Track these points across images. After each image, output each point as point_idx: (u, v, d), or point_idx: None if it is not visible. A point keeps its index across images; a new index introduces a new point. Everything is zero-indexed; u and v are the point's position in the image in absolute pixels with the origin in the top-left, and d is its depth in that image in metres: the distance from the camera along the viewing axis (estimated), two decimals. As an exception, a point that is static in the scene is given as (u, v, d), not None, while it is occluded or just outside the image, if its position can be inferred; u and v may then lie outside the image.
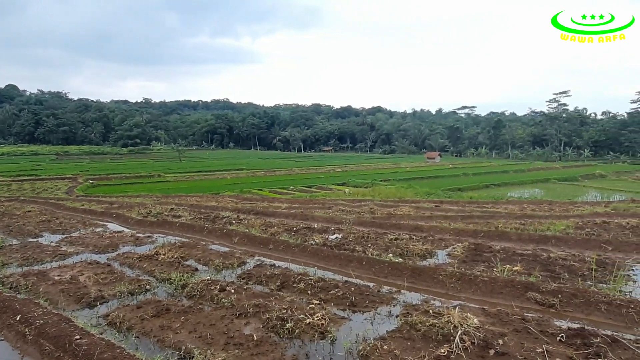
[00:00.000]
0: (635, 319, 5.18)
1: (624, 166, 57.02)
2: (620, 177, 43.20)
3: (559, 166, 57.39)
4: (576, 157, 79.58)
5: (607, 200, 23.03)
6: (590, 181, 39.55)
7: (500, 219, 14.63)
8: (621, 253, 9.34)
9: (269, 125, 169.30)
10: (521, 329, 4.94)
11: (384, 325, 5.52)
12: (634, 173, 45.94)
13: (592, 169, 49.78)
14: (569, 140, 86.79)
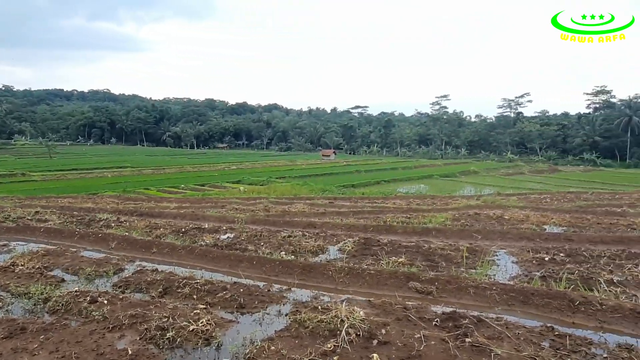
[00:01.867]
0: (497, 299, 5.91)
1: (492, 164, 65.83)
2: (489, 173, 49.82)
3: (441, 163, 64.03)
4: (455, 155, 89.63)
5: (479, 194, 26.26)
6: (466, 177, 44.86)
7: (388, 213, 15.71)
8: (488, 241, 10.69)
9: (158, 120, 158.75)
10: (402, 318, 5.29)
11: (273, 325, 5.47)
12: (499, 170, 53.40)
13: (467, 166, 56.50)
14: (449, 140, 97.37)
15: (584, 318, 5.33)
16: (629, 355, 4.32)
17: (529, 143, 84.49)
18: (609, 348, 4.53)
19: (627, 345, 4.55)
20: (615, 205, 18.34)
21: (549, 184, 36.96)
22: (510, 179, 42.85)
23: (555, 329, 4.95)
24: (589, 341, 4.70)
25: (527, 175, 48.68)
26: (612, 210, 16.07)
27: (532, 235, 10.97)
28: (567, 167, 63.35)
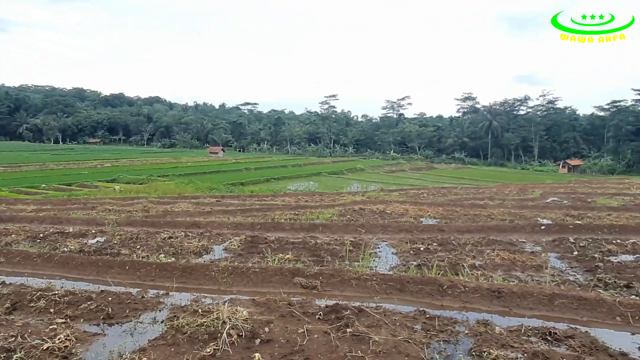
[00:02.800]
0: (377, 289, 6.29)
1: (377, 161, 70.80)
2: (374, 170, 53.42)
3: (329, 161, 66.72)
4: (343, 153, 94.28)
5: (365, 190, 27.95)
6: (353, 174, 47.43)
7: (277, 211, 15.79)
8: (371, 234, 11.38)
9: (13, 110, 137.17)
10: (287, 314, 5.30)
11: (146, 334, 5.06)
12: (384, 167, 57.67)
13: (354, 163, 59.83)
14: (337, 138, 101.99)
15: (451, 300, 5.96)
16: (485, 329, 4.93)
17: (409, 142, 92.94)
18: (469, 325, 5.12)
19: (484, 321, 5.19)
20: (479, 198, 21.09)
21: (426, 180, 41.08)
22: (393, 176, 46.53)
23: (427, 312, 5.44)
24: (454, 320, 5.26)
25: (407, 172, 53.44)
26: (476, 203, 18.43)
27: (410, 227, 11.99)
28: (442, 165, 71.15)
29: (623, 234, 11.51)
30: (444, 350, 4.48)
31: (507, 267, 8.25)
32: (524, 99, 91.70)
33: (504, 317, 5.54)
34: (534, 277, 7.61)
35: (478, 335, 4.78)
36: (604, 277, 7.63)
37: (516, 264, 8.51)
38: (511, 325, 5.20)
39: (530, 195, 22.97)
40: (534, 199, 21.00)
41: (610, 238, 10.96)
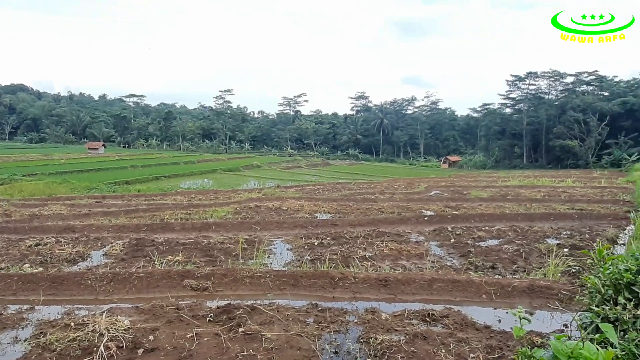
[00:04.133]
0: (270, 286, 6.33)
1: (274, 158, 71.08)
2: (272, 167, 53.53)
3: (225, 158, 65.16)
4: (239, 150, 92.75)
5: (262, 187, 27.85)
6: (250, 171, 46.96)
7: (167, 210, 14.96)
8: (267, 231, 11.41)
9: None
10: (174, 319, 5.06)
11: (5, 356, 4.43)
12: (280, 164, 58.11)
13: (251, 160, 59.29)
14: (233, 135, 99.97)
15: (342, 291, 6.24)
16: (372, 316, 5.26)
17: (306, 139, 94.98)
18: (359, 314, 5.42)
19: (372, 309, 5.54)
20: (371, 193, 22.40)
21: (322, 176, 42.38)
22: (290, 172, 47.12)
23: (319, 305, 5.63)
24: (345, 311, 5.53)
25: (304, 168, 54.56)
26: (368, 198, 19.57)
27: (305, 223, 12.29)
28: (337, 161, 74.11)
29: (490, 221, 13.20)
30: (334, 341, 4.68)
31: (394, 257, 8.90)
32: (411, 100, 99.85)
33: (390, 303, 5.97)
34: (417, 265, 8.32)
35: (366, 322, 5.08)
36: (474, 260, 8.66)
37: (402, 253, 9.22)
38: (396, 310, 5.63)
39: (417, 189, 25.08)
40: (419, 192, 22.97)
41: (481, 225, 12.49)
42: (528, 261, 8.68)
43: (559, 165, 60.88)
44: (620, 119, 58.58)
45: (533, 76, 70.45)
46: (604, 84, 68.06)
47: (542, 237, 10.96)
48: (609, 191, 22.56)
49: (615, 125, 58.07)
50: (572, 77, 68.71)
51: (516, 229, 11.91)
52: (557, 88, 70.70)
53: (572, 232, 11.55)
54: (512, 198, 19.41)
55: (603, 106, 59.64)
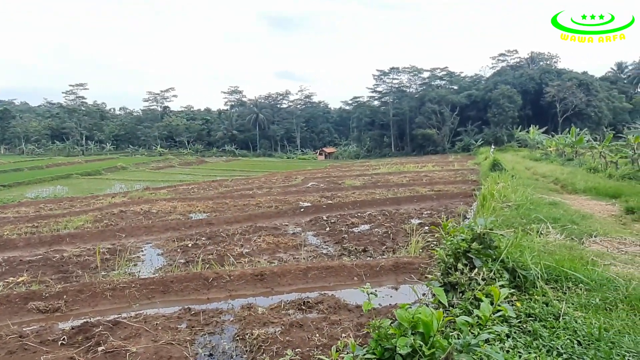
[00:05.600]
0: (136, 296, 5.89)
1: (142, 158, 66.04)
2: (139, 168, 49.66)
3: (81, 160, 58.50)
4: (99, 151, 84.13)
5: (129, 190, 25.69)
6: (114, 174, 42.89)
7: (7, 225, 12.92)
8: (134, 237, 10.58)
9: None
10: (17, 349, 4.42)
11: None
12: (150, 164, 54.24)
13: (114, 162, 54.19)
14: (90, 134, 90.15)
15: (218, 291, 6.11)
16: (249, 312, 5.25)
17: (177, 137, 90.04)
18: (235, 312, 5.36)
19: (248, 305, 5.53)
20: (248, 188, 22.27)
21: (197, 174, 40.69)
22: (161, 173, 44.29)
23: (192, 309, 5.42)
24: (220, 311, 5.42)
25: (177, 167, 51.75)
26: (245, 193, 19.41)
27: (178, 224, 11.71)
28: (213, 159, 71.87)
29: (362, 207, 14.17)
30: (209, 343, 4.56)
31: (272, 251, 9.00)
32: (285, 94, 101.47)
33: (267, 297, 6.03)
34: (295, 256, 8.53)
35: (242, 319, 5.06)
36: (348, 245, 9.22)
37: (280, 246, 9.37)
38: (273, 303, 5.70)
39: (294, 181, 25.66)
40: (296, 185, 23.54)
41: (354, 212, 13.33)
42: (395, 241, 9.53)
43: (421, 151, 67.91)
44: (467, 109, 67.55)
45: (396, 71, 77.18)
46: (453, 79, 77.91)
47: (407, 218, 12.13)
48: (461, 173, 25.90)
49: (464, 115, 66.84)
50: (428, 73, 77.15)
51: (385, 213, 12.98)
52: (416, 82, 78.61)
53: (432, 211, 12.99)
54: (382, 184, 21.09)
55: (453, 98, 68.09)
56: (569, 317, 3.69)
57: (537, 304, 3.97)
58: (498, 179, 14.33)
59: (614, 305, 4.02)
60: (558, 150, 33.91)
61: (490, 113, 63.78)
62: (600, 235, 7.36)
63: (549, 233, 7.26)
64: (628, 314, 3.84)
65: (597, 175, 17.77)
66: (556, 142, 35.55)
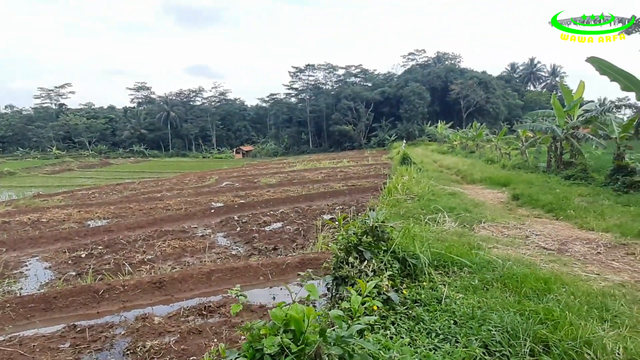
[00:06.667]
0: (12, 317, 5.33)
1: (34, 162, 59.99)
2: (31, 173, 44.99)
3: (-42, 166, 51.70)
4: (-19, 155, 74.96)
5: (15, 198, 23.18)
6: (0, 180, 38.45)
7: None
8: (17, 251, 9.56)
9: None
10: None
11: None
12: (43, 168, 49.39)
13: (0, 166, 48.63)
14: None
15: (109, 304, 5.73)
16: (143, 323, 5.00)
17: (76, 137, 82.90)
18: (128, 324, 5.07)
19: (143, 315, 5.26)
20: (157, 191, 21.21)
21: (100, 178, 37.84)
22: (57, 177, 40.46)
23: (78, 326, 5.04)
24: (111, 324, 5.09)
25: (76, 171, 47.64)
26: (153, 196, 18.45)
27: (71, 234, 10.79)
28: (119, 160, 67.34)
29: (276, 205, 14.17)
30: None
31: (177, 255, 8.66)
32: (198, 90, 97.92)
33: (166, 305, 5.79)
34: (202, 259, 8.29)
35: (135, 331, 4.80)
36: (258, 245, 9.17)
37: (187, 250, 9.05)
38: (172, 311, 5.49)
39: (208, 181, 24.94)
40: (210, 185, 22.90)
41: (266, 211, 13.28)
42: (306, 238, 9.67)
43: (339, 148, 69.60)
44: (381, 106, 70.52)
45: (311, 68, 78.25)
46: (368, 76, 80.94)
47: (319, 214, 12.35)
48: (374, 167, 26.98)
49: (378, 111, 69.68)
50: (343, 70, 79.33)
51: (298, 210, 13.10)
52: (332, 79, 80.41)
53: (344, 206, 13.36)
54: (298, 182, 21.25)
55: (368, 95, 70.73)
56: (450, 300, 4.00)
57: (424, 290, 4.25)
58: (405, 172, 15.12)
59: (490, 284, 4.43)
60: (462, 144, 36.75)
61: (403, 109, 67.26)
62: (489, 221, 8.10)
63: (445, 222, 7.82)
64: (501, 291, 4.26)
65: (493, 166, 19.52)
66: (460, 136, 38.55)
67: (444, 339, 3.32)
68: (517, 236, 7.09)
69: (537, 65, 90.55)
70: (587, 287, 4.33)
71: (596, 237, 6.87)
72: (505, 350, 3.11)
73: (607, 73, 12.50)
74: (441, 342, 3.28)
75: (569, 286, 4.29)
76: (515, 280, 4.49)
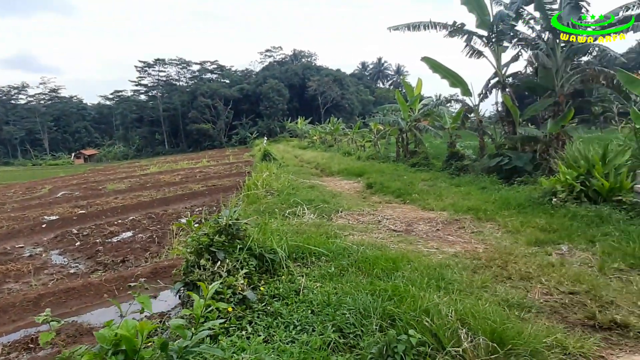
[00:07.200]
0: None
1: None
2: None
3: None
4: None
5: None
6: None
7: None
8: None
9: None
10: None
11: None
12: None
13: None
14: None
15: None
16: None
17: None
18: None
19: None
20: (-31, 208, 17.78)
21: None
22: None
23: None
24: None
25: None
26: (-37, 215, 15.39)
27: None
28: None
29: (124, 213, 12.98)
30: None
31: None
32: (22, 87, 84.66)
33: (-22, 345, 4.82)
34: (31, 284, 7.15)
35: None
36: (104, 259, 8.25)
37: (9, 275, 7.71)
38: (-16, 351, 4.59)
39: (39, 192, 21.80)
40: (42, 196, 20.04)
41: (113, 220, 12.08)
42: (161, 245, 9.03)
43: (198, 147, 67.12)
44: (240, 103, 70.00)
45: (161, 63, 73.84)
46: (225, 73, 79.49)
47: (176, 218, 11.68)
48: (236, 166, 26.64)
49: (238, 108, 69.05)
50: (198, 66, 76.56)
51: (151, 216, 12.21)
52: (186, 75, 77.07)
53: (204, 207, 12.86)
54: (152, 185, 19.86)
55: (226, 92, 69.56)
56: (307, 290, 4.07)
57: (282, 284, 4.26)
58: (266, 169, 15.20)
59: (346, 270, 4.65)
60: (321, 138, 38.53)
61: (263, 106, 67.78)
62: (345, 210, 8.56)
63: (304, 214, 8.02)
64: (356, 275, 4.49)
65: (349, 158, 20.85)
66: (319, 131, 40.35)
67: (302, 330, 3.35)
68: (371, 222, 7.62)
69: (385, 64, 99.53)
70: (428, 261, 4.84)
71: (435, 216, 7.78)
72: (358, 330, 3.26)
73: (438, 71, 14.29)
74: (299, 333, 3.30)
75: (414, 262, 4.73)
76: (368, 263, 4.78)
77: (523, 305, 3.78)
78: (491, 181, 10.87)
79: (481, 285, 4.22)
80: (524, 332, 3.04)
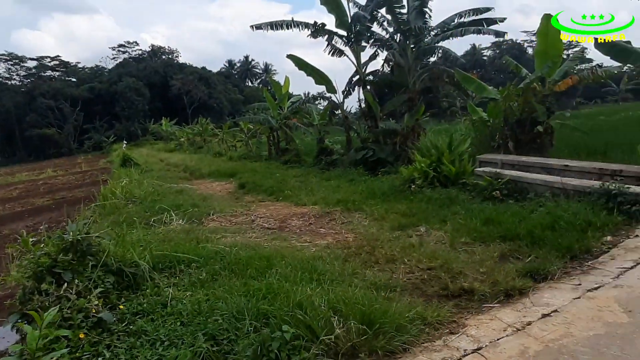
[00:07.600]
0: None
1: None
2: None
3: None
4: None
5: None
6: None
7: None
8: None
9: None
10: None
11: None
12: None
13: None
14: None
15: None
16: None
17: None
18: None
19: None
20: None
21: None
22: None
23: None
24: None
25: None
26: None
27: None
28: None
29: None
30: None
31: None
32: None
33: None
34: None
35: None
36: None
37: None
38: None
39: None
40: None
41: None
42: (-3, 273, 7.76)
43: (42, 156, 59.29)
44: (92, 104, 63.56)
45: (-18, 59, 63.59)
46: (69, 70, 71.32)
47: (15, 240, 10.16)
48: (90, 174, 24.18)
49: (89, 110, 62.50)
50: (35, 62, 67.51)
51: (-18, 240, 10.44)
52: (20, 73, 67.51)
53: (50, 224, 11.40)
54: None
55: (73, 92, 62.57)
56: (176, 301, 3.84)
57: (147, 298, 3.95)
58: (126, 175, 14.07)
59: (219, 274, 4.50)
60: (189, 140, 36.97)
61: (119, 107, 62.54)
62: (217, 212, 8.33)
63: (172, 221, 7.58)
64: (229, 278, 4.37)
65: (220, 159, 20.40)
66: (187, 132, 38.70)
67: (170, 345, 3.14)
68: (244, 222, 7.53)
69: (252, 62, 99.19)
70: (302, 255, 4.93)
71: (308, 211, 8.00)
72: (232, 335, 3.17)
73: (304, 69, 14.72)
74: (166, 349, 3.08)
75: (287, 258, 4.77)
76: (241, 264, 4.69)
77: (389, 286, 4.09)
78: (358, 173, 11.56)
79: (352, 273, 4.44)
80: (389, 310, 3.29)
